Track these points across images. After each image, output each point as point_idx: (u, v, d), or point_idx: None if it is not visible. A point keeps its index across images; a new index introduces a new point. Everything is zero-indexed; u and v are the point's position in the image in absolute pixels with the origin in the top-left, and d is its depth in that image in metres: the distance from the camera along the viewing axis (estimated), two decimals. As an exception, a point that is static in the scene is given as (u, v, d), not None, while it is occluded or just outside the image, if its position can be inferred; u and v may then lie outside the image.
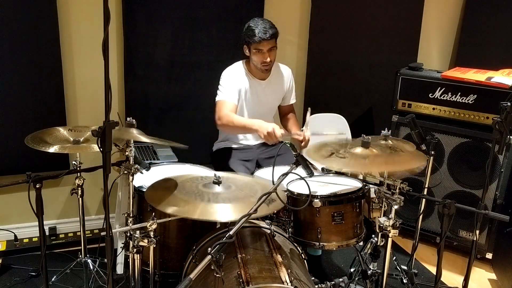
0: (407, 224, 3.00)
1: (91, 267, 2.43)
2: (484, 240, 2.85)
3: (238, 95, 2.61)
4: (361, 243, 2.22)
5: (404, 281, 2.43)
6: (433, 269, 2.77)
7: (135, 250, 1.87)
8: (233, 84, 2.60)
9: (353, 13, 3.37)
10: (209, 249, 1.38)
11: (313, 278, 1.88)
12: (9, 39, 2.59)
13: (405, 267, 2.51)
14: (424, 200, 2.46)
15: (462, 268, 2.48)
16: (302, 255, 1.99)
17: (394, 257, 2.50)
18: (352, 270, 2.43)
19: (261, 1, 3.10)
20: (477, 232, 2.02)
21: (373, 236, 2.14)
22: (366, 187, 2.19)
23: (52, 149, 2.06)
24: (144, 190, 2.08)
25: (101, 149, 1.36)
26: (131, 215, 1.94)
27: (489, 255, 2.86)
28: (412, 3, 3.53)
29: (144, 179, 2.14)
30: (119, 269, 2.56)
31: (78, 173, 2.26)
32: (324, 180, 2.34)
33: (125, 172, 1.90)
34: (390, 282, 2.48)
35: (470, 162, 2.86)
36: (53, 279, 2.44)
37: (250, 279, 1.58)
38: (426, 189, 2.44)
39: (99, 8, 1.26)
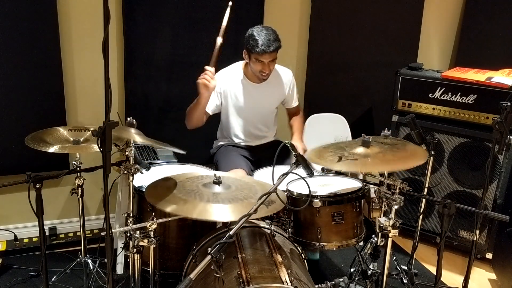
0: (407, 224, 3.00)
1: (91, 267, 2.43)
2: (484, 240, 2.85)
3: (216, 101, 2.63)
4: (361, 243, 2.22)
5: (404, 281, 2.42)
6: (433, 269, 2.76)
7: (135, 250, 1.87)
8: (214, 92, 2.61)
9: (353, 14, 3.37)
10: (209, 249, 1.38)
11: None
12: (9, 39, 2.58)
13: (405, 267, 2.50)
14: (424, 200, 2.45)
15: (462, 268, 2.48)
16: (302, 255, 1.99)
17: (394, 257, 2.50)
18: (352, 270, 2.42)
19: (261, 1, 3.10)
20: (477, 232, 2.01)
21: (373, 236, 2.13)
22: (366, 187, 2.19)
23: (52, 149, 2.06)
24: (144, 190, 2.09)
25: (101, 149, 1.36)
26: (131, 215, 1.94)
27: (489, 255, 2.86)
28: (412, 3, 3.53)
29: (144, 179, 2.14)
30: (119, 269, 2.55)
31: (78, 173, 2.26)
32: (324, 180, 2.35)
33: (125, 172, 1.91)
34: (390, 282, 2.48)
35: (470, 162, 2.86)
36: (53, 279, 2.43)
37: (250, 279, 1.58)
38: (426, 189, 2.43)
39: (99, 8, 1.26)
